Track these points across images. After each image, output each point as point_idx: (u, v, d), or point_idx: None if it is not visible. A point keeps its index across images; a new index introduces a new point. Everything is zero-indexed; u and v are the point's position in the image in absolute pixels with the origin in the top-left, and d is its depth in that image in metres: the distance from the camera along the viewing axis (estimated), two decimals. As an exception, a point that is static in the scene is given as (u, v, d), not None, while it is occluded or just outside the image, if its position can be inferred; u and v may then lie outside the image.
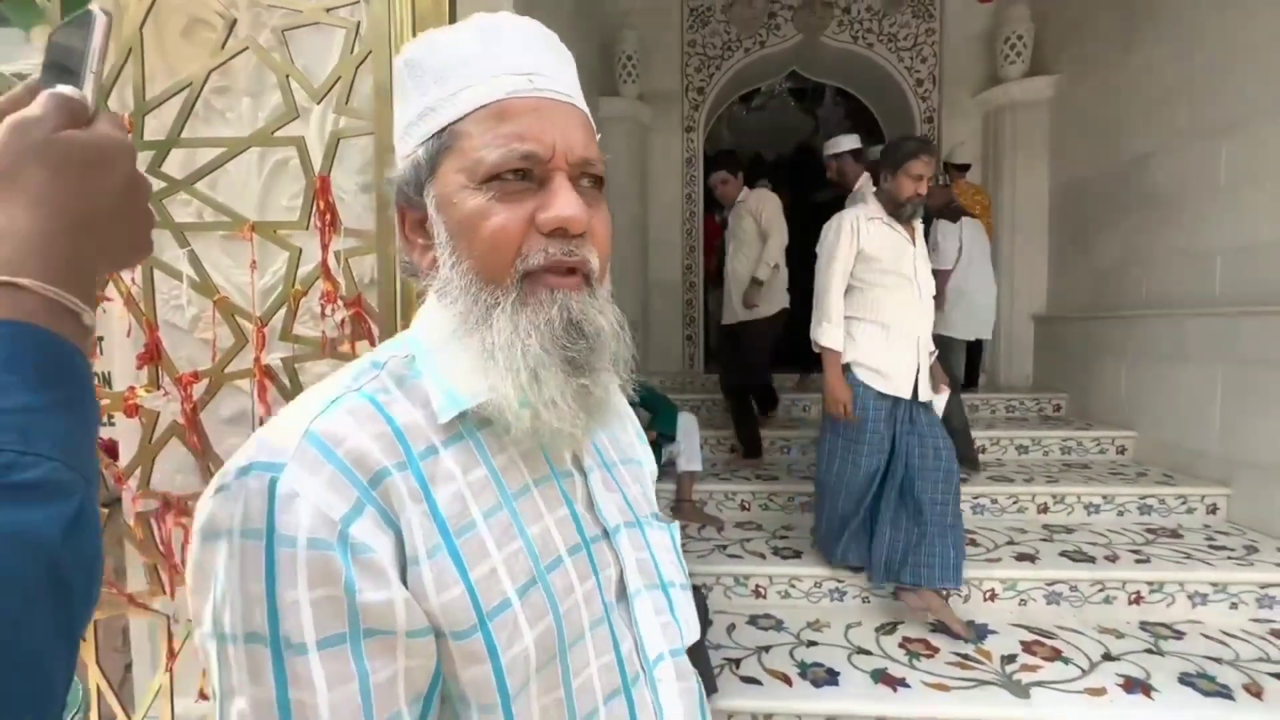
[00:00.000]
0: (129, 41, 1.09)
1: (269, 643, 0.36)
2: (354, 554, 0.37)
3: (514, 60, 0.46)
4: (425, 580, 0.39)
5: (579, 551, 0.47)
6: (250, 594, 0.36)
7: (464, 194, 0.44)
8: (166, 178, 1.10)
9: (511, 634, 0.41)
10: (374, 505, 0.39)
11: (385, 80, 1.02)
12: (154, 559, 1.15)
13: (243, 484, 0.37)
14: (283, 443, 0.39)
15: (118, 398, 1.13)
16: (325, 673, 0.36)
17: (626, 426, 0.62)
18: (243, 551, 0.36)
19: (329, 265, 1.09)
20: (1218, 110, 2.97)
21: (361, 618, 0.37)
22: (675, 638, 0.52)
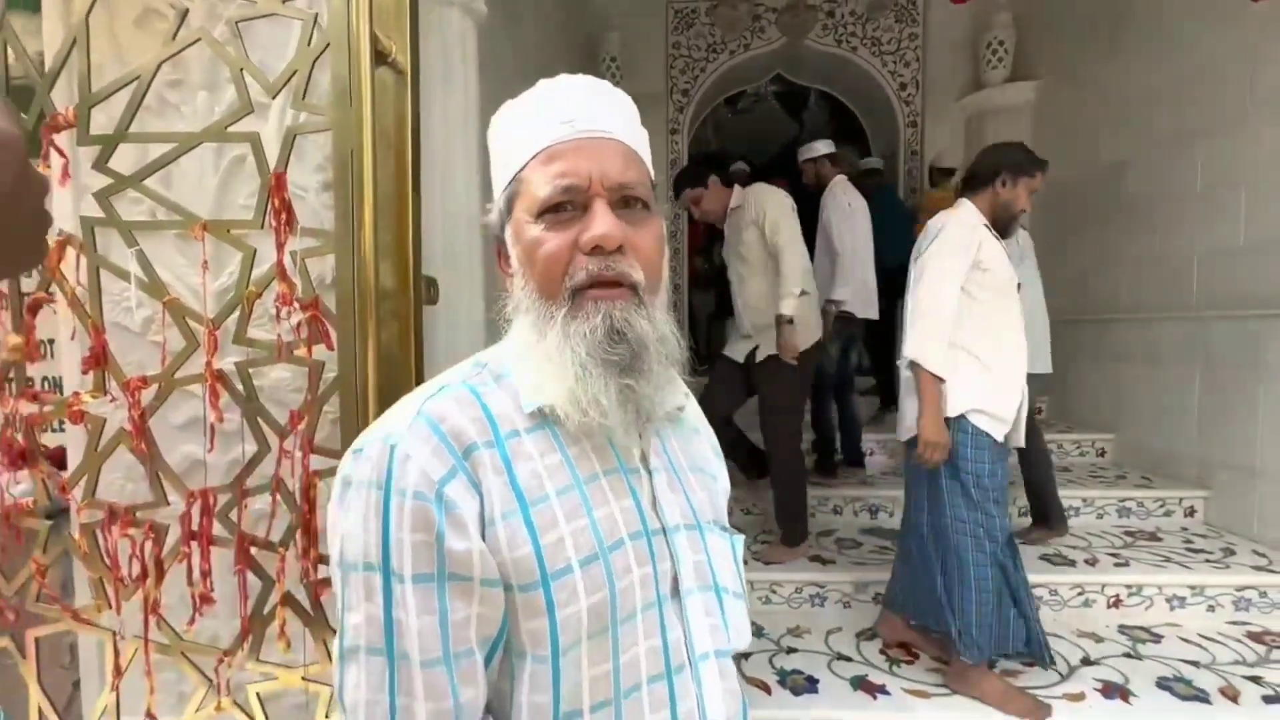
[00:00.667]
0: (75, 30, 1.04)
1: (381, 570, 0.46)
2: (447, 509, 0.46)
3: (560, 111, 0.55)
4: (500, 537, 0.47)
5: (640, 538, 0.53)
6: (370, 532, 0.46)
7: (527, 227, 0.54)
8: (113, 174, 1.06)
9: (570, 595, 0.48)
10: (464, 472, 0.48)
11: (344, 74, 0.98)
12: (99, 573, 1.09)
13: (372, 448, 0.48)
14: (402, 418, 0.50)
15: (62, 404, 1.08)
16: (415, 602, 0.45)
17: (702, 441, 0.69)
18: (368, 499, 0.47)
19: (285, 266, 1.05)
20: (1195, 116, 2.99)
21: (447, 562, 0.46)
22: (723, 640, 0.57)
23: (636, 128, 0.59)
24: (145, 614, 1.10)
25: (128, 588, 1.10)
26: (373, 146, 0.96)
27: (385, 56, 1.00)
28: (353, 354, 1.00)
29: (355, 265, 0.99)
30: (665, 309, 0.56)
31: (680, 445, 0.63)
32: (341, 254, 1.00)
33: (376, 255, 0.98)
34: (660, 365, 0.54)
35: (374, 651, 0.46)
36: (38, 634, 1.12)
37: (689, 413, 0.68)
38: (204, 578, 1.09)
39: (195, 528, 1.09)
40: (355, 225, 0.97)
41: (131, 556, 1.10)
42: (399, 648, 0.45)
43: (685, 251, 5.04)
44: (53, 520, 1.16)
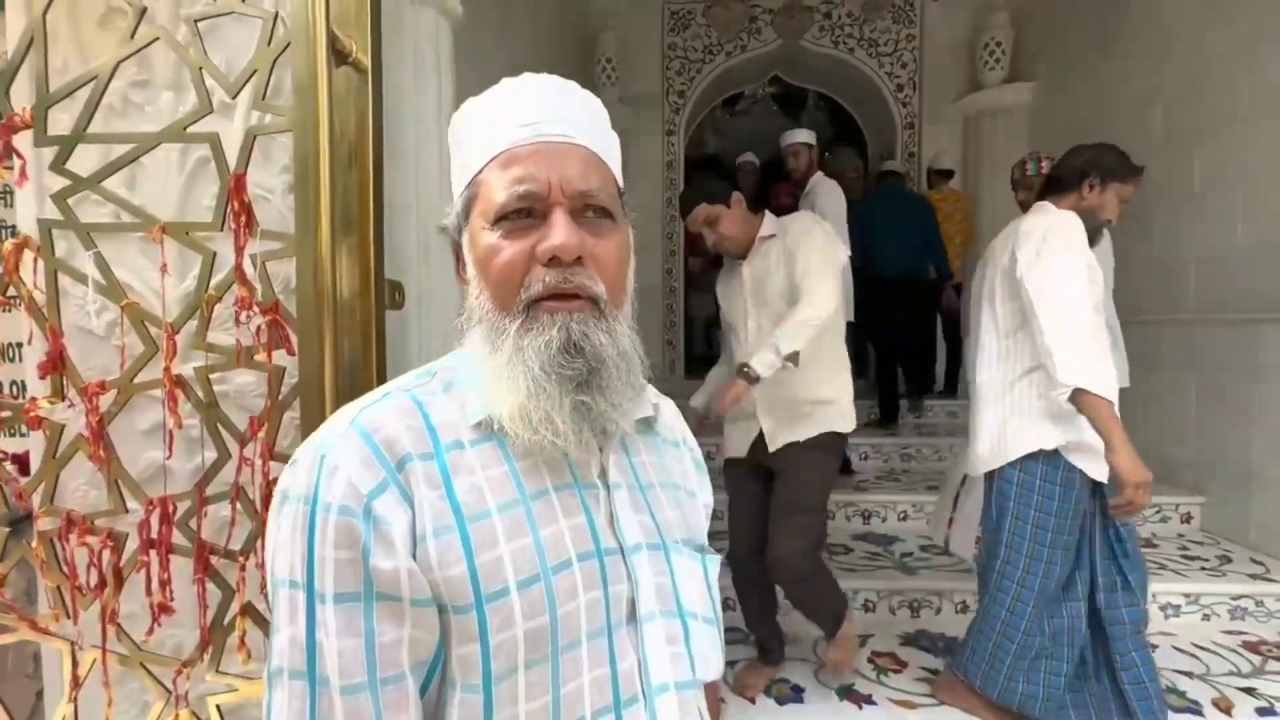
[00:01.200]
0: (32, 28, 1.02)
1: (305, 588, 0.44)
2: (374, 525, 0.44)
3: (521, 113, 0.52)
4: (431, 555, 0.45)
5: (589, 560, 0.50)
6: (295, 547, 0.44)
7: (482, 234, 0.52)
8: (72, 175, 1.04)
9: (505, 620, 0.45)
10: (396, 485, 0.46)
11: (305, 74, 0.96)
12: (57, 581, 1.07)
13: (304, 459, 0.47)
14: (336, 428, 0.48)
15: (18, 408, 1.06)
16: (337, 624, 0.43)
17: (683, 456, 0.65)
18: (295, 513, 0.45)
19: (244, 269, 1.02)
20: (1192, 118, 2.96)
21: (375, 582, 0.44)
22: (685, 671, 0.52)
23: (604, 132, 0.57)
24: (104, 623, 1.08)
25: (86, 596, 1.08)
26: (330, 147, 0.94)
27: (346, 56, 0.98)
28: (314, 359, 0.97)
29: (314, 269, 0.97)
30: (629, 323, 0.54)
31: (652, 459, 0.60)
32: (303, 257, 0.98)
33: (335, 258, 0.96)
34: (620, 381, 0.51)
35: (296, 675, 0.44)
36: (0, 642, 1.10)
37: (666, 424, 0.65)
38: (163, 587, 1.07)
39: (155, 536, 1.06)
40: (314, 227, 0.95)
41: (90, 565, 1.07)
42: (320, 672, 0.43)
43: (682, 254, 5.01)
44: (14, 527, 1.14)
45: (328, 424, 0.49)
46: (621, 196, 0.56)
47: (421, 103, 1.39)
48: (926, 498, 2.94)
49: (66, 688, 1.09)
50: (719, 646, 0.57)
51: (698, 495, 0.65)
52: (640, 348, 0.54)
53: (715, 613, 0.57)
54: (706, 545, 0.60)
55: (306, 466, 0.46)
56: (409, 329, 1.36)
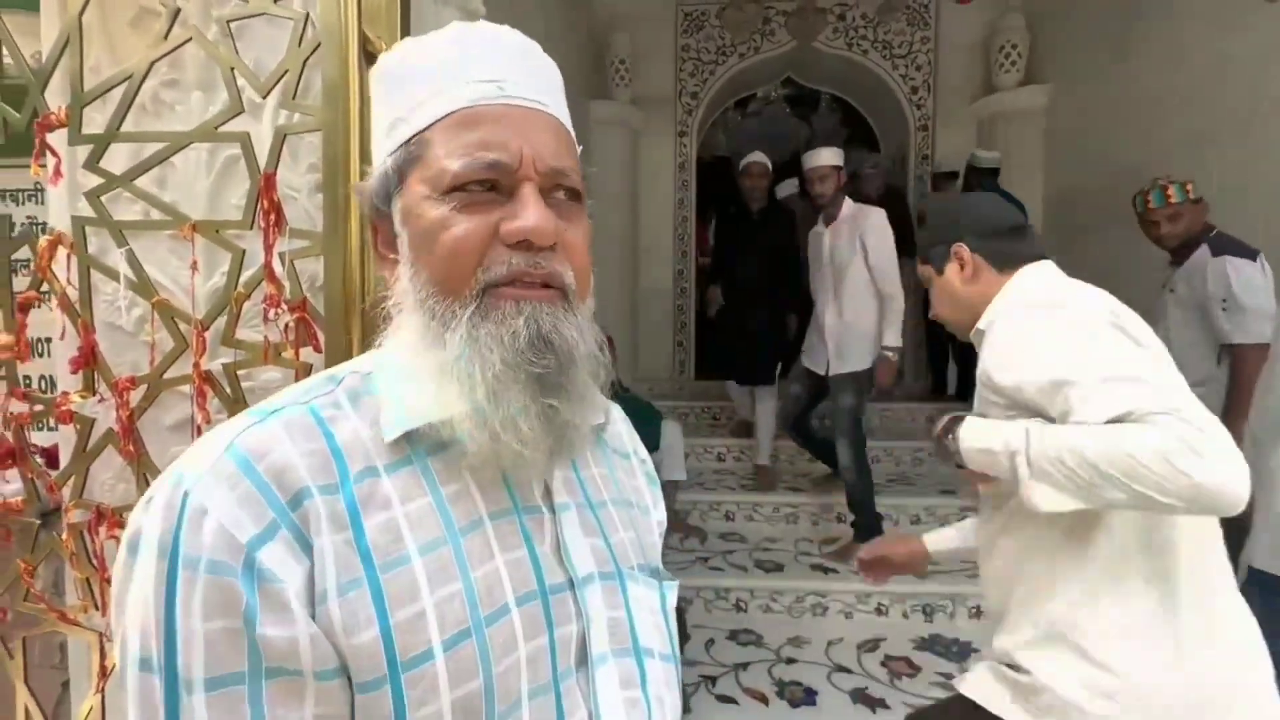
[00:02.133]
0: (67, 29, 1.04)
1: (162, 672, 0.34)
2: (260, 582, 0.34)
3: (483, 68, 0.44)
4: (334, 618, 0.36)
5: (531, 601, 0.42)
6: (149, 617, 0.34)
7: (426, 204, 0.42)
8: (105, 174, 1.05)
9: (427, 691, 0.37)
10: (290, 529, 0.36)
11: (335, 75, 0.97)
12: (86, 573, 1.09)
13: (160, 495, 0.36)
14: (205, 454, 0.37)
15: (49, 403, 1.08)
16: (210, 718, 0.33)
17: (634, 468, 0.57)
18: (148, 569, 0.35)
19: (273, 267, 1.04)
20: (1206, 121, 2.94)
21: (264, 655, 0.34)
22: (642, 718, 0.45)
23: (564, 104, 0.49)
24: (131, 616, 1.09)
25: (114, 589, 1.09)
26: (361, 146, 0.95)
27: (375, 56, 0.99)
28: (341, 357, 0.99)
29: (343, 267, 0.98)
30: (592, 319, 0.46)
31: (601, 473, 0.52)
32: (330, 256, 0.99)
33: (363, 257, 0.97)
34: (586, 385, 0.43)
35: None
36: (25, 635, 1.12)
37: (615, 433, 0.57)
38: (190, 580, 1.08)
39: (182, 530, 1.08)
40: (342, 226, 0.96)
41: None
42: None
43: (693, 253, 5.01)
44: (44, 519, 1.15)
45: (195, 448, 0.39)
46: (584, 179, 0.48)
47: (445, 103, 1.40)
48: (939, 501, 2.93)
49: (93, 679, 1.11)
50: (676, 685, 0.50)
51: (651, 512, 0.57)
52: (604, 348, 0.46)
53: (672, 647, 0.51)
54: (662, 569, 0.53)
55: (163, 506, 0.36)
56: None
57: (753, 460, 3.33)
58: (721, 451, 3.59)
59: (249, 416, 0.40)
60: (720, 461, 3.58)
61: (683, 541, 2.79)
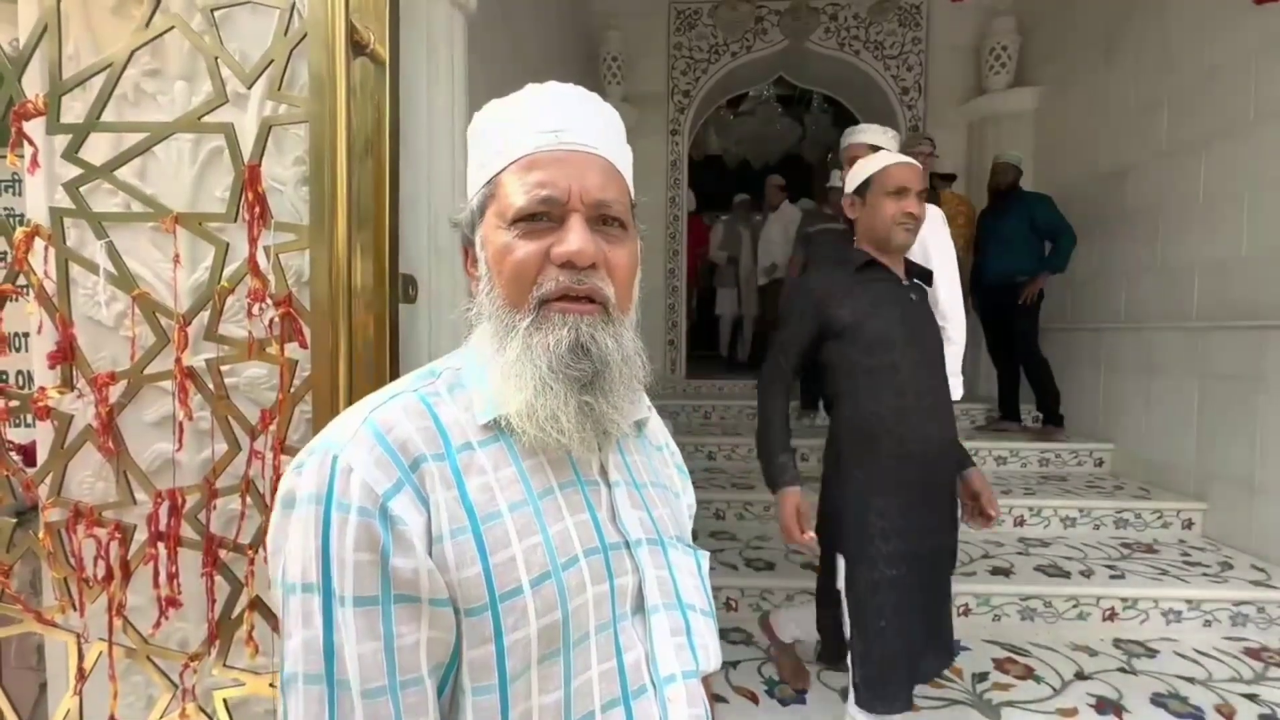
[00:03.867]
0: (46, 16, 1.01)
1: (321, 591, 0.43)
2: (392, 525, 0.44)
3: (546, 120, 0.53)
4: (448, 556, 0.45)
5: (596, 554, 0.51)
6: (309, 550, 0.43)
7: (498, 233, 0.53)
8: (84, 164, 1.03)
9: (519, 619, 0.46)
10: (411, 485, 0.45)
11: (322, 66, 0.95)
12: (64, 573, 1.06)
13: (313, 460, 0.45)
14: (347, 428, 0.47)
15: (26, 398, 1.05)
16: (358, 626, 0.42)
17: (666, 459, 0.68)
18: (307, 515, 0.44)
19: (257, 261, 1.02)
20: (1197, 125, 2.97)
21: (393, 582, 0.43)
22: (689, 662, 0.54)
23: (621, 144, 0.58)
24: (110, 616, 1.07)
25: (93, 589, 1.07)
26: (348, 139, 0.94)
27: (363, 46, 0.97)
28: (327, 352, 0.97)
29: (329, 261, 0.96)
30: (634, 330, 0.55)
31: (642, 460, 0.62)
32: (316, 250, 0.97)
33: (350, 251, 0.95)
34: (623, 384, 0.52)
35: (312, 679, 0.43)
36: (3, 634, 1.09)
37: (652, 428, 0.67)
38: (171, 580, 1.06)
39: (163, 528, 1.06)
40: (329, 220, 0.94)
41: (97, 557, 1.07)
42: (339, 675, 0.42)
43: (685, 252, 5.00)
44: (20, 518, 1.13)
45: (335, 424, 0.49)
46: (634, 208, 0.58)
47: (435, 97, 1.38)
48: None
49: (71, 680, 1.08)
50: (716, 637, 0.58)
51: (682, 496, 0.68)
52: (644, 353, 0.55)
53: (710, 606, 0.59)
54: (693, 544, 0.62)
55: (317, 467, 0.45)
56: (419, 322, 1.36)
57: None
58: (712, 450, 3.58)
59: (373, 400, 0.50)
60: (711, 460, 3.58)
61: (673, 540, 2.79)
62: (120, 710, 1.11)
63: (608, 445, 0.55)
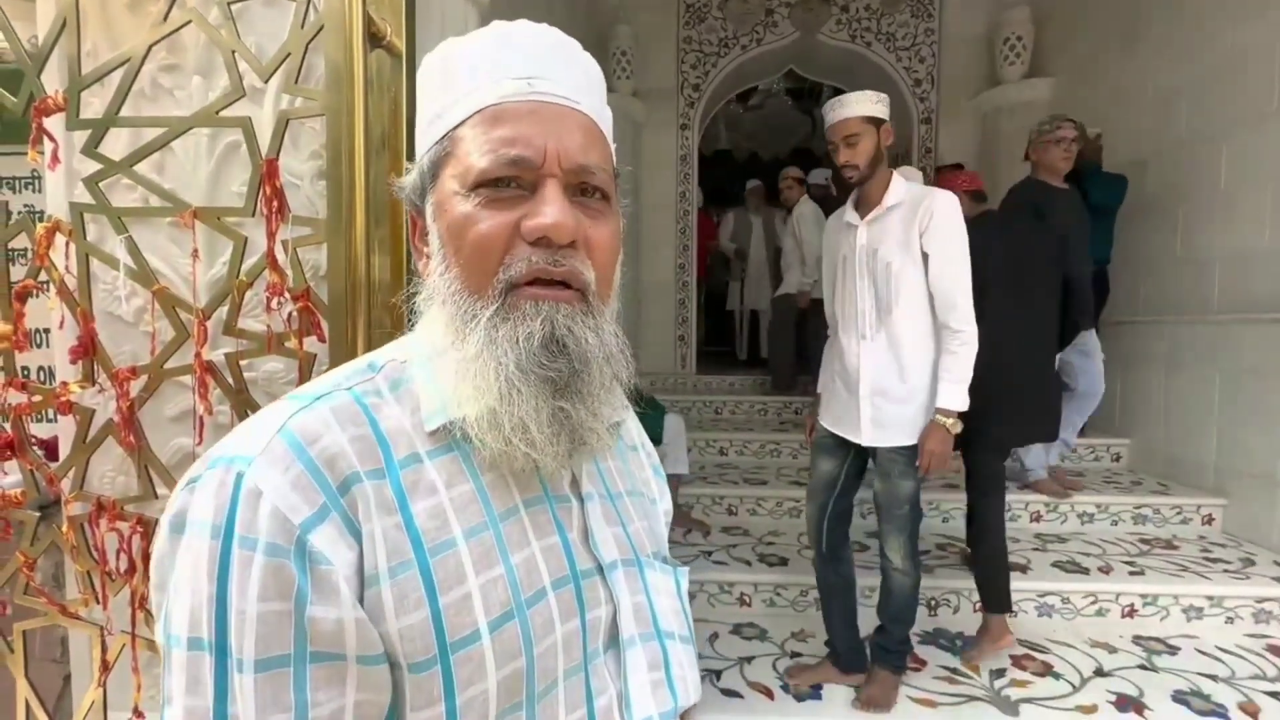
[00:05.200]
0: (64, 12, 1.02)
1: (213, 650, 0.34)
2: (311, 564, 0.35)
3: (516, 65, 0.44)
4: (385, 601, 0.37)
5: (565, 585, 0.44)
6: (200, 595, 0.34)
7: (455, 200, 0.43)
8: (103, 159, 1.03)
9: (474, 672, 0.38)
10: (339, 512, 0.37)
11: (339, 59, 0.95)
12: (87, 566, 1.07)
13: (212, 477, 0.36)
14: (258, 437, 0.37)
15: (48, 393, 1.06)
16: (258, 697, 0.34)
17: (642, 460, 0.59)
18: (200, 550, 0.35)
19: (276, 255, 1.02)
20: (1217, 115, 2.91)
21: (310, 638, 0.34)
22: (667, 699, 0.47)
23: (603, 102, 0.49)
24: (133, 609, 1.08)
25: (115, 582, 1.08)
26: (365, 132, 0.93)
27: (380, 38, 0.97)
28: (345, 346, 0.97)
29: (347, 255, 0.96)
30: (615, 320, 0.46)
31: (617, 465, 0.54)
32: (334, 244, 0.97)
33: (368, 245, 0.95)
34: (603, 387, 0.44)
35: None
36: (24, 628, 1.10)
37: (626, 428, 0.59)
38: (192, 573, 1.07)
39: (184, 522, 1.06)
40: (346, 214, 0.94)
41: (119, 550, 1.08)
42: None
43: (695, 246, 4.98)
44: (44, 512, 1.14)
45: (243, 429, 0.39)
46: (617, 178, 0.48)
47: (449, 90, 1.38)
48: (942, 496, 2.92)
49: (95, 672, 1.09)
50: (695, 666, 0.52)
51: (658, 502, 0.59)
52: (627, 349, 0.47)
53: (689, 629, 0.52)
54: (669, 556, 0.55)
55: (216, 487, 0.35)
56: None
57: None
58: (724, 445, 3.57)
59: (294, 401, 0.40)
60: (723, 455, 3.57)
61: (686, 536, 2.78)
62: (143, 702, 1.12)
63: (580, 452, 0.46)
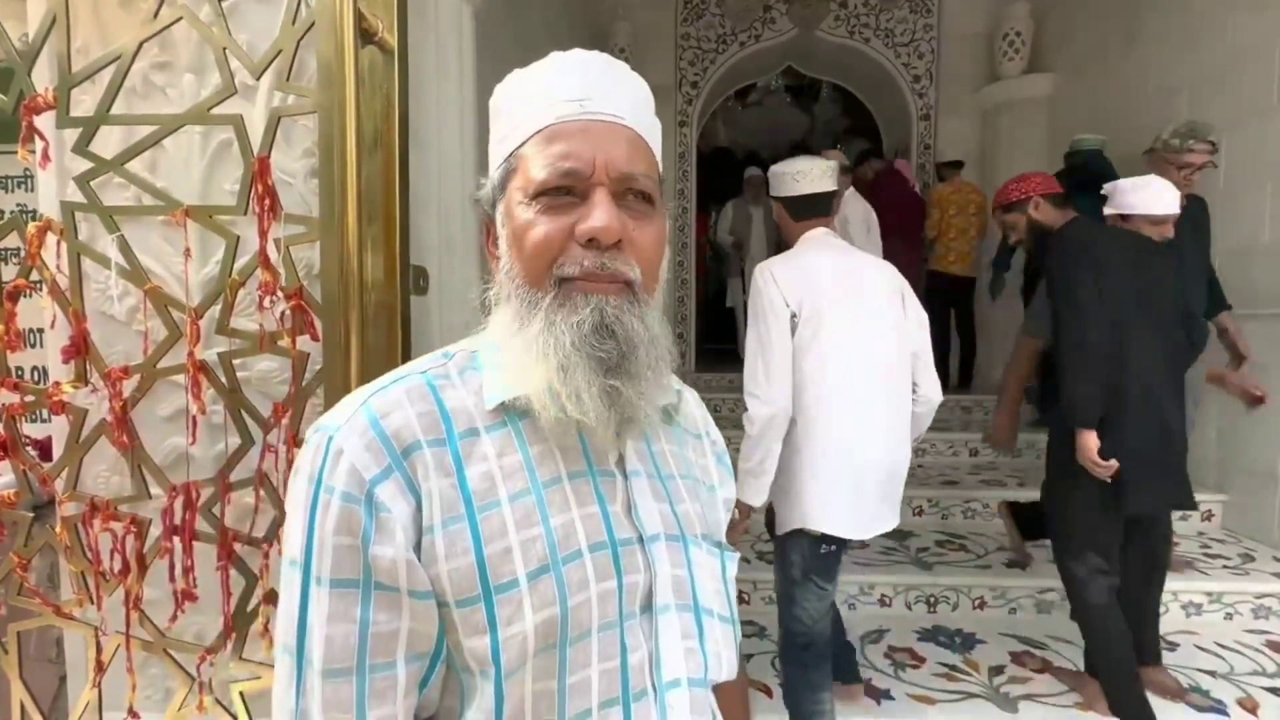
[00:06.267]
0: (54, 9, 1.01)
1: (302, 568, 0.43)
2: (376, 511, 0.43)
3: (569, 89, 0.50)
4: (437, 547, 0.44)
5: (603, 549, 0.48)
6: (297, 526, 0.44)
7: (519, 208, 0.50)
8: (94, 157, 1.03)
9: (514, 613, 0.44)
10: (401, 472, 0.44)
11: (331, 56, 0.94)
12: (81, 566, 1.07)
13: (313, 439, 0.46)
14: (346, 410, 0.47)
15: (41, 393, 1.06)
16: (330, 608, 0.42)
17: (704, 448, 0.64)
18: (299, 492, 0.45)
19: (268, 254, 1.01)
20: (1218, 110, 2.90)
21: (374, 570, 0.42)
22: (698, 668, 0.51)
23: (649, 116, 0.55)
24: (127, 610, 1.07)
25: (109, 582, 1.07)
26: (358, 129, 0.93)
27: (372, 35, 0.96)
28: (338, 345, 0.96)
29: (340, 254, 0.95)
30: (660, 310, 0.52)
31: (672, 449, 0.58)
32: (327, 242, 0.97)
33: (361, 244, 0.95)
34: (650, 369, 0.49)
35: (286, 650, 0.44)
36: (19, 628, 1.10)
37: (689, 414, 0.63)
38: (186, 573, 1.06)
39: (178, 522, 1.06)
40: (339, 212, 0.93)
41: (113, 551, 1.07)
42: (306, 652, 0.43)
43: (694, 244, 4.97)
44: (38, 512, 1.13)
45: (341, 404, 0.48)
46: (661, 183, 0.54)
47: (443, 88, 1.37)
48: (941, 492, 2.92)
49: (90, 673, 1.09)
50: (734, 646, 0.55)
51: (718, 490, 0.63)
52: (670, 335, 0.52)
53: (732, 612, 0.56)
54: (724, 542, 0.59)
55: (314, 446, 0.45)
56: (431, 315, 1.35)
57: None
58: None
59: (380, 382, 0.49)
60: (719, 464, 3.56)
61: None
62: (138, 702, 1.12)
63: (629, 433, 0.52)
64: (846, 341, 1.42)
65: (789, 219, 1.57)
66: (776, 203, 1.59)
